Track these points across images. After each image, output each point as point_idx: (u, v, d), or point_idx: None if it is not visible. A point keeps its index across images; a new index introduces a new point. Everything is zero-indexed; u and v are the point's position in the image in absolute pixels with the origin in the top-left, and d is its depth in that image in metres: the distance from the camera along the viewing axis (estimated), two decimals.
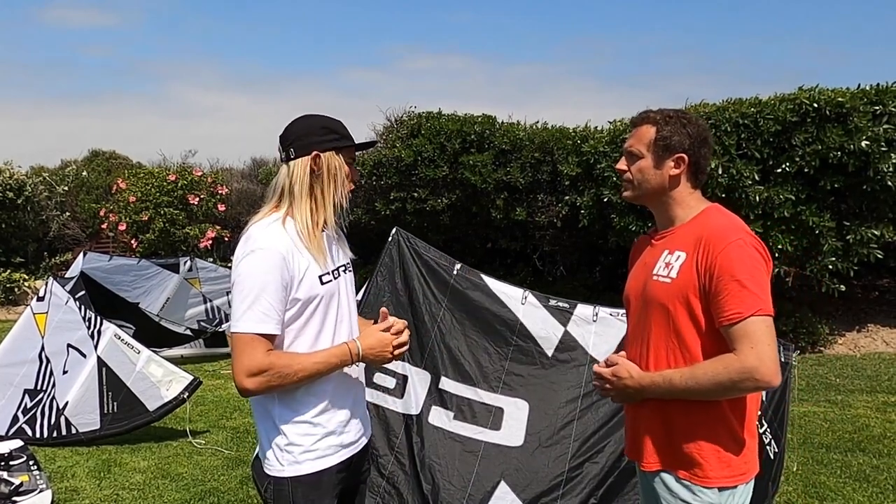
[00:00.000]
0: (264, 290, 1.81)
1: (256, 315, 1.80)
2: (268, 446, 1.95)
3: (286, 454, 1.91)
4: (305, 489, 1.91)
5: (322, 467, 1.93)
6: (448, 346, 3.66)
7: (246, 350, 1.81)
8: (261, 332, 1.81)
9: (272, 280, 1.82)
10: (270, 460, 1.94)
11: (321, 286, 1.91)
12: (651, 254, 2.04)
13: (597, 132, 9.01)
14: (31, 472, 4.00)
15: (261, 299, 1.81)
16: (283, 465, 1.92)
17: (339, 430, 1.97)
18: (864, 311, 9.11)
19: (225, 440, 5.32)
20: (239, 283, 1.83)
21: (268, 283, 1.81)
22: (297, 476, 1.91)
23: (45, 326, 5.46)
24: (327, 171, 1.92)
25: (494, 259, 10.74)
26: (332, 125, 1.98)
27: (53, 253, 14.58)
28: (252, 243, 1.85)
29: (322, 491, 1.94)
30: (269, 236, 1.86)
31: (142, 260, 8.63)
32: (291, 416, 1.92)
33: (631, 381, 1.93)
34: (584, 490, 3.36)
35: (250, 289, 1.81)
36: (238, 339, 1.82)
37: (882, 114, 7.21)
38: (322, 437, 1.94)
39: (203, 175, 12.93)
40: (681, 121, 1.97)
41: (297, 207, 1.92)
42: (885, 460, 4.67)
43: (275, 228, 1.89)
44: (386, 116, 11.07)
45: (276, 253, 1.83)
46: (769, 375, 1.75)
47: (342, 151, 1.97)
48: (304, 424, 1.92)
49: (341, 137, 1.97)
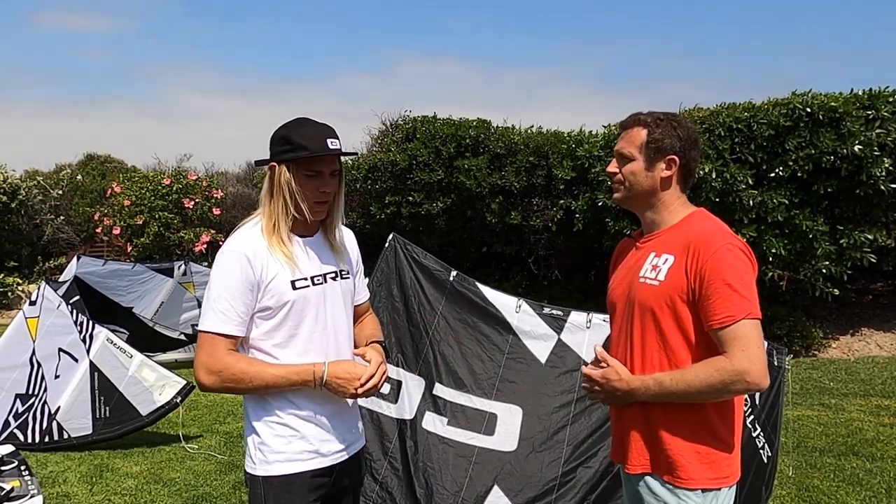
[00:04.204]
0: (225, 290, 1.86)
1: (216, 315, 1.85)
2: (247, 444, 1.98)
3: (258, 453, 1.94)
4: (276, 491, 1.92)
5: (293, 471, 1.92)
6: (442, 353, 3.66)
7: (205, 347, 1.86)
8: (219, 332, 1.85)
9: (234, 281, 1.86)
10: (248, 458, 1.97)
11: (293, 291, 1.91)
12: (636, 256, 2.04)
13: (591, 136, 9.04)
14: (22, 478, 3.98)
15: (221, 299, 1.86)
16: (256, 464, 1.94)
17: (315, 437, 1.95)
18: (857, 314, 9.14)
19: (218, 445, 5.29)
20: (209, 283, 1.90)
21: (230, 285, 1.86)
22: (268, 476, 1.92)
23: (37, 331, 5.43)
24: (277, 183, 1.91)
25: (489, 263, 10.74)
26: (289, 135, 1.89)
27: (47, 257, 14.53)
28: (225, 245, 1.92)
29: (294, 495, 1.92)
30: (239, 239, 1.92)
31: (136, 264, 8.60)
32: (263, 415, 1.94)
33: (620, 383, 1.93)
34: (578, 494, 3.36)
35: (214, 288, 1.87)
36: (200, 336, 1.88)
37: (875, 118, 7.25)
38: (293, 441, 1.93)
39: (198, 179, 12.89)
40: (671, 123, 1.97)
41: (262, 215, 1.96)
42: (878, 464, 4.68)
43: (250, 232, 1.93)
44: (381, 120, 11.12)
45: (240, 255, 1.87)
46: (759, 377, 1.77)
47: (298, 164, 1.88)
48: (276, 426, 1.93)
49: (294, 149, 1.87)
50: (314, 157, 1.88)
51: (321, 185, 1.92)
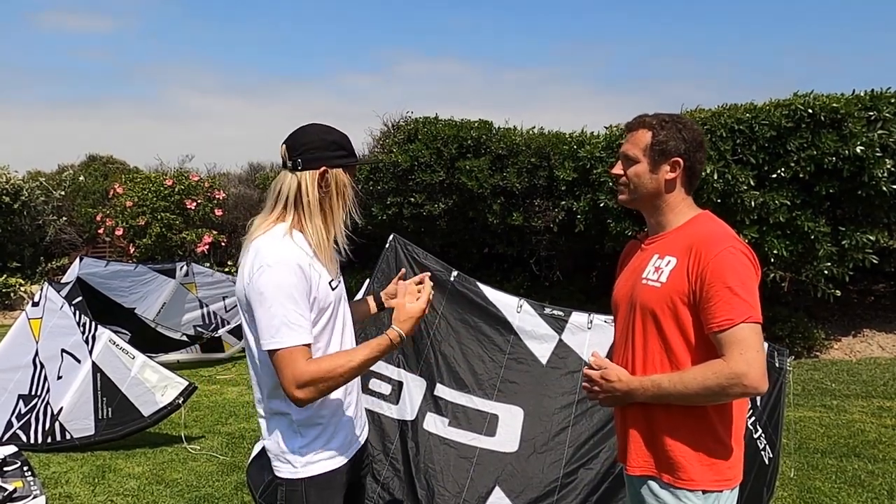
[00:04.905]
0: (290, 302, 1.84)
1: (291, 328, 1.84)
2: (280, 450, 1.97)
3: (298, 457, 1.95)
4: (318, 489, 1.96)
5: (334, 466, 1.99)
6: (443, 354, 3.67)
7: (289, 363, 1.83)
8: (298, 344, 1.84)
9: (296, 292, 1.85)
10: (283, 463, 1.97)
11: (332, 292, 1.99)
12: (641, 258, 2.05)
13: (593, 137, 9.03)
14: (24, 478, 3.99)
15: (290, 312, 1.84)
16: (297, 467, 1.95)
17: (347, 428, 2.04)
18: (859, 315, 9.13)
19: (220, 446, 5.30)
20: (260, 301, 1.84)
21: (293, 296, 1.85)
22: (312, 476, 1.96)
23: (40, 331, 5.44)
24: (335, 187, 1.96)
25: (491, 264, 10.73)
26: (341, 141, 2.00)
27: (50, 258, 14.54)
28: (263, 258, 1.87)
29: (334, 490, 2.00)
30: (282, 250, 1.89)
31: (138, 265, 8.61)
32: (308, 416, 1.96)
33: (619, 384, 1.94)
34: (579, 496, 3.37)
35: (278, 303, 1.83)
36: (279, 356, 1.84)
37: (876, 119, 7.24)
38: (334, 437, 2.00)
39: (200, 180, 12.91)
40: (676, 125, 1.98)
41: (309, 221, 1.95)
42: (880, 465, 4.68)
43: (286, 241, 1.91)
44: (383, 121, 11.08)
45: (293, 266, 1.86)
46: (757, 381, 1.77)
47: (348, 169, 2.01)
48: (317, 426, 1.97)
49: (348, 155, 2.00)
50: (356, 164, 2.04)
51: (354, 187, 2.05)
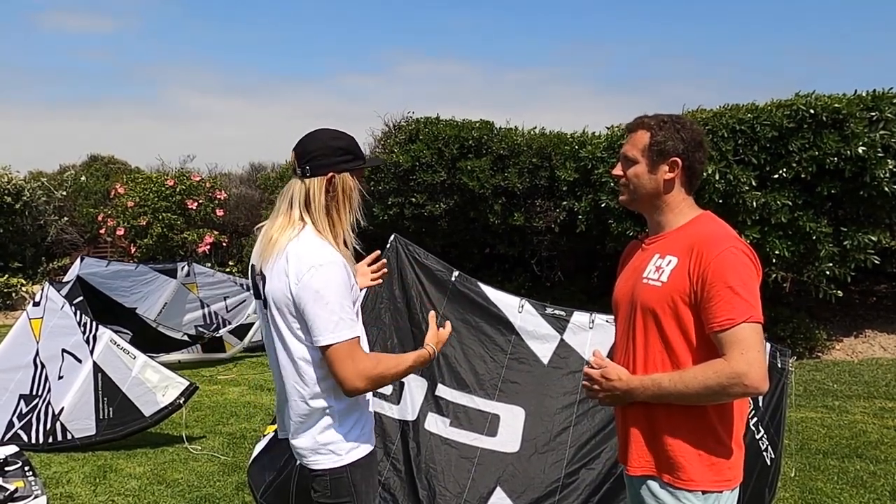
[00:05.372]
0: (344, 299, 1.96)
1: (347, 323, 1.94)
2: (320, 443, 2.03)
3: (342, 444, 2.03)
4: (363, 470, 2.06)
5: (371, 449, 2.10)
6: (444, 354, 3.66)
7: (351, 356, 1.94)
8: (355, 337, 1.96)
9: (346, 290, 1.97)
10: (325, 455, 2.03)
11: (360, 291, 2.13)
12: (641, 257, 2.05)
13: (594, 138, 9.03)
14: (26, 478, 3.99)
15: (345, 308, 1.95)
16: (341, 455, 2.02)
17: (371, 415, 2.16)
18: (861, 316, 9.12)
19: (221, 446, 5.30)
20: (317, 298, 1.92)
21: (344, 293, 1.96)
22: (356, 460, 2.04)
23: (40, 331, 5.44)
24: (342, 192, 2.03)
25: (492, 264, 10.73)
26: (348, 146, 2.06)
27: (51, 258, 14.55)
28: (315, 258, 1.95)
29: (373, 469, 2.13)
30: (327, 250, 1.98)
31: (139, 265, 8.61)
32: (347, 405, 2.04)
33: (619, 383, 1.94)
34: (581, 496, 3.36)
35: (334, 300, 1.93)
36: (339, 349, 1.93)
37: (878, 120, 7.24)
38: (367, 423, 2.11)
39: (201, 180, 12.91)
40: (675, 126, 1.99)
41: (320, 226, 2.02)
42: (882, 466, 4.67)
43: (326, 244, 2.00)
44: (384, 122, 11.07)
45: (341, 265, 1.98)
46: (758, 381, 1.77)
47: (358, 172, 2.07)
48: (354, 414, 2.06)
49: (355, 158, 2.06)
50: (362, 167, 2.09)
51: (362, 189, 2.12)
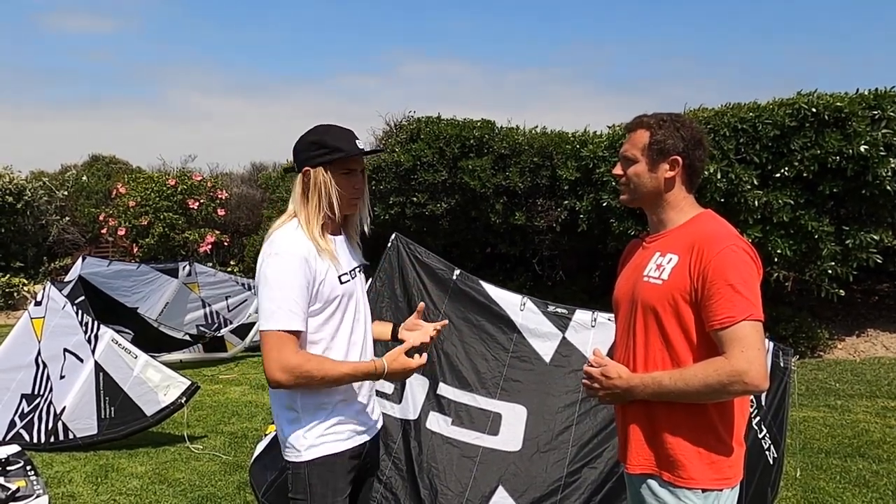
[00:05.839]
0: (289, 289, 1.96)
1: (284, 313, 1.95)
2: (288, 433, 2.07)
3: (303, 439, 2.04)
4: (321, 470, 2.04)
5: (337, 450, 2.06)
6: (446, 352, 3.65)
7: (276, 346, 1.95)
8: (288, 329, 1.95)
9: (296, 281, 1.97)
10: (288, 448, 2.07)
11: (340, 286, 2.06)
12: (642, 256, 2.05)
13: (595, 137, 9.02)
14: (28, 478, 3.99)
15: (287, 299, 1.95)
16: (301, 450, 2.04)
17: (351, 417, 2.10)
18: (863, 315, 9.10)
19: (223, 445, 5.30)
20: (264, 284, 1.97)
21: (293, 284, 1.96)
22: (314, 459, 2.03)
23: (42, 331, 5.45)
24: (314, 186, 2.05)
25: (494, 264, 10.72)
26: (320, 139, 2.05)
27: (53, 257, 14.56)
28: (275, 247, 2.00)
29: (336, 474, 2.06)
30: (291, 241, 2.02)
31: (141, 265, 8.62)
32: (313, 402, 2.04)
33: (619, 381, 1.94)
34: (583, 495, 3.35)
35: (277, 289, 1.96)
36: (268, 336, 1.95)
37: (881, 118, 7.22)
38: (338, 423, 2.07)
39: (202, 180, 12.93)
40: (674, 124, 1.99)
41: (303, 219, 2.06)
42: (884, 465, 4.66)
43: (297, 234, 2.04)
44: (385, 121, 11.10)
45: (298, 256, 1.98)
46: (758, 379, 1.77)
47: (334, 164, 2.04)
48: (323, 411, 2.05)
49: (330, 151, 2.03)
50: (350, 157, 2.05)
51: (355, 182, 2.10)
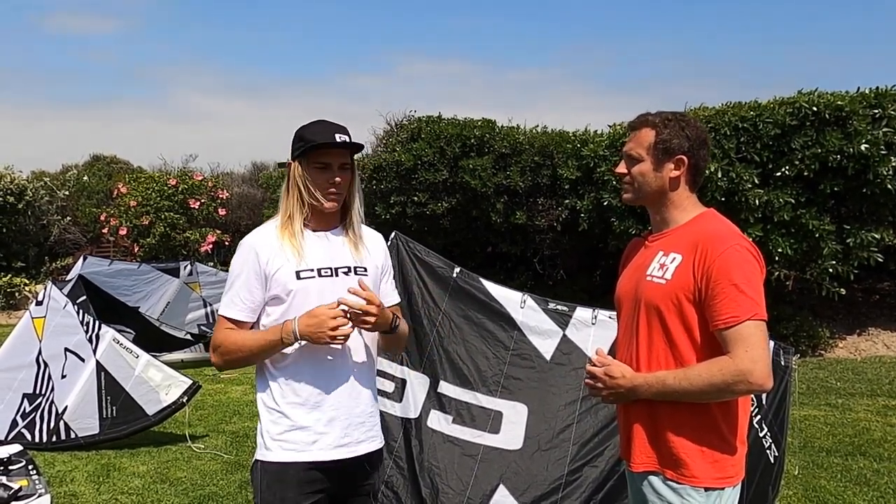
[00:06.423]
0: (235, 278, 2.04)
1: (226, 300, 2.04)
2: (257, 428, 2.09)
3: (260, 438, 2.03)
4: (270, 477, 1.98)
5: (286, 459, 1.96)
6: (447, 350, 3.65)
7: (216, 329, 2.07)
8: (225, 315, 2.03)
9: (242, 271, 2.02)
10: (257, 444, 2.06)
11: (297, 281, 2.00)
12: (645, 255, 2.04)
13: (596, 136, 9.03)
14: (30, 477, 3.99)
15: (232, 287, 2.04)
16: (260, 449, 2.03)
17: (312, 429, 1.97)
18: (864, 314, 9.10)
19: (224, 444, 5.31)
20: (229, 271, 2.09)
21: (238, 273, 2.03)
22: (264, 462, 2.00)
23: (43, 330, 5.45)
24: (292, 179, 2.06)
25: (495, 263, 10.73)
26: (302, 133, 2.04)
27: (54, 257, 14.58)
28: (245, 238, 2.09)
29: (286, 484, 1.95)
30: (254, 233, 2.09)
31: (142, 264, 8.62)
32: (269, 402, 2.03)
33: (623, 380, 1.93)
34: (584, 493, 3.35)
35: (229, 277, 2.06)
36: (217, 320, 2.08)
37: (881, 117, 7.22)
38: (291, 430, 1.98)
39: (204, 179, 12.94)
40: (679, 123, 1.98)
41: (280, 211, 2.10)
42: (885, 464, 4.66)
43: (266, 227, 2.08)
44: (386, 121, 11.12)
45: (249, 247, 2.03)
46: (762, 379, 1.77)
47: (308, 157, 2.01)
48: (276, 413, 2.01)
49: (304, 144, 2.02)
50: (321, 150, 1.99)
51: (330, 176, 2.01)
